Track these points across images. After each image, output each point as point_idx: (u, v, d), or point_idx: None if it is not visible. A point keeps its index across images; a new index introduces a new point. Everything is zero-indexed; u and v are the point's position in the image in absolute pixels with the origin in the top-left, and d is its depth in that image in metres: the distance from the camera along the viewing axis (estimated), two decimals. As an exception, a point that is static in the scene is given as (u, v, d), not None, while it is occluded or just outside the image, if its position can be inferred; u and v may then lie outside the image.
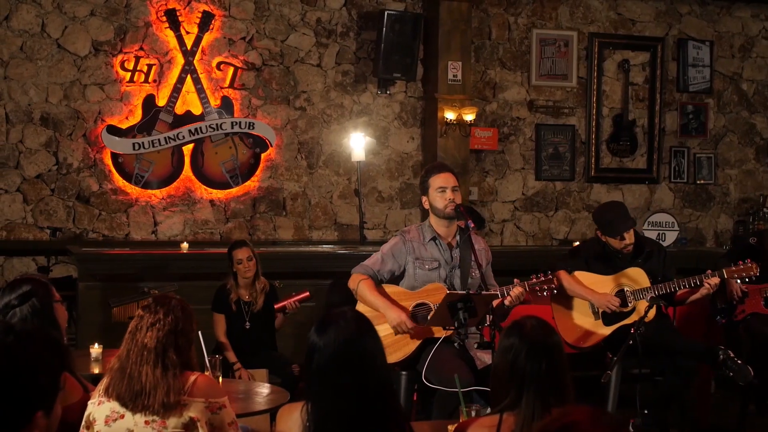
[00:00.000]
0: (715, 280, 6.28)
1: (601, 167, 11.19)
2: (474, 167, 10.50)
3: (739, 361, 6.30)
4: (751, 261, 6.39)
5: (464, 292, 5.15)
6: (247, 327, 7.40)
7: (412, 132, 10.43)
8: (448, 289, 5.65)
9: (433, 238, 5.80)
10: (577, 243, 9.71)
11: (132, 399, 3.89)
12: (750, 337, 7.19)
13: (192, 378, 3.96)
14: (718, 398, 7.99)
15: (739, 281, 6.59)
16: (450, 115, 9.92)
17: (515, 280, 5.65)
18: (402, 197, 10.42)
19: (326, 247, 9.51)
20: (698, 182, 11.56)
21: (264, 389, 5.45)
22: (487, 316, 5.16)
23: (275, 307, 7.51)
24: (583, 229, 11.07)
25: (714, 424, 7.38)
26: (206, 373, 4.66)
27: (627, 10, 11.20)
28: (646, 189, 11.32)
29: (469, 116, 9.97)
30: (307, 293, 7.56)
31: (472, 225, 5.56)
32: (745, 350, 6.68)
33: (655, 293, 6.27)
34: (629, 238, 6.53)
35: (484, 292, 5.31)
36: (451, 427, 4.00)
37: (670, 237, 10.49)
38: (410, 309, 5.65)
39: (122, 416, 3.88)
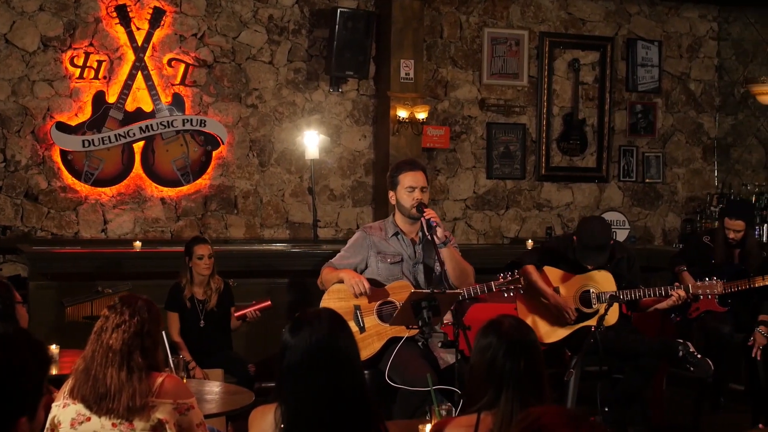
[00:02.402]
0: (682, 293, 6.36)
1: (552, 166, 11.24)
2: (426, 165, 10.42)
3: (698, 356, 6.37)
4: (717, 279, 6.50)
5: (429, 290, 5.14)
6: (202, 325, 7.34)
7: (364, 130, 10.40)
8: (413, 285, 5.65)
9: (396, 234, 5.80)
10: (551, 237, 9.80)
11: (96, 401, 3.82)
12: (704, 335, 7.28)
13: (159, 379, 3.90)
14: (670, 396, 8.06)
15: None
16: (402, 113, 9.91)
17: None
18: (354, 195, 10.39)
19: (280, 246, 9.46)
20: (647, 181, 11.66)
21: (229, 389, 5.39)
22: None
23: (235, 315, 7.45)
24: (533, 227, 11.12)
25: (669, 422, 7.44)
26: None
27: (577, 10, 11.27)
28: (595, 188, 11.40)
29: (422, 114, 9.96)
30: (269, 303, 7.49)
31: (435, 222, 5.55)
32: (699, 348, 6.73)
33: (620, 297, 6.31)
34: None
35: (448, 291, 5.30)
36: (422, 427, 3.97)
37: (621, 235, 10.58)
38: (375, 307, 5.63)
39: (88, 419, 3.81)
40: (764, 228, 10.39)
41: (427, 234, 5.61)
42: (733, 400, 7.69)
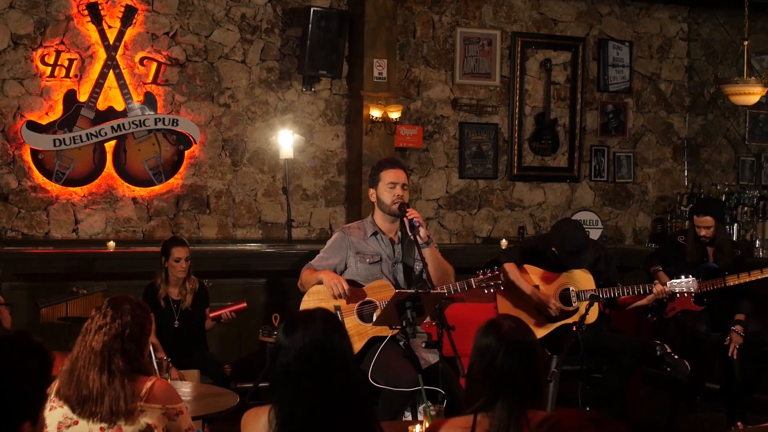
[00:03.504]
0: (666, 288, 6.40)
1: (524, 166, 11.26)
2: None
3: (675, 356, 6.41)
4: (694, 278, 6.55)
5: (413, 290, 5.13)
6: (176, 326, 7.32)
7: (336, 129, 10.36)
8: (393, 284, 5.64)
9: (375, 233, 5.78)
10: (531, 235, 9.81)
11: (80, 404, 3.79)
12: (681, 334, 7.32)
13: (148, 384, 3.87)
14: (645, 395, 8.10)
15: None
16: (375, 112, 9.88)
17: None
18: (327, 195, 10.35)
19: (254, 246, 9.41)
20: (617, 181, 11.71)
21: (212, 390, 5.35)
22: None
23: (210, 315, 7.44)
24: (506, 227, 11.14)
25: (644, 421, 7.47)
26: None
27: (549, 10, 11.29)
28: (567, 187, 11.43)
29: (395, 114, 9.94)
30: (245, 304, 7.50)
31: (418, 222, 5.54)
32: (675, 347, 6.77)
33: (600, 296, 6.34)
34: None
35: (432, 291, 5.29)
36: (412, 428, 3.95)
37: (594, 234, 10.58)
38: (355, 307, 5.62)
39: (76, 423, 3.78)
40: (734, 227, 10.45)
41: (409, 234, 5.59)
42: (708, 400, 7.73)
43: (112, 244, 8.58)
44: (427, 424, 3.89)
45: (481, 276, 5.65)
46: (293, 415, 3.20)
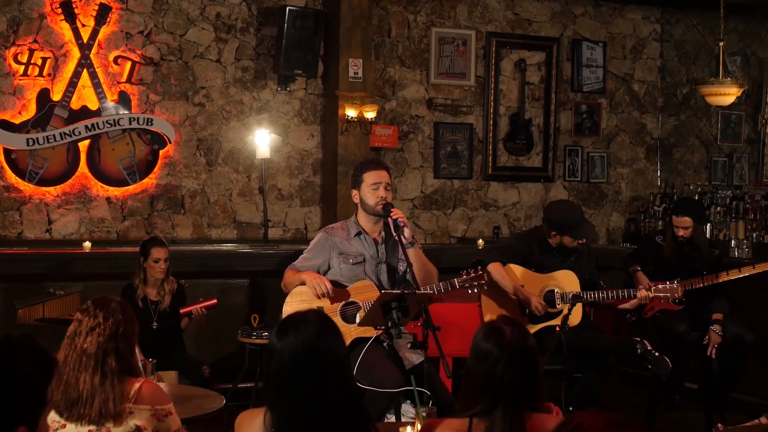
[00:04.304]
0: (648, 294, 6.43)
1: (498, 166, 11.27)
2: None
3: (656, 353, 6.44)
4: (677, 282, 6.59)
5: (399, 291, 5.10)
6: (155, 327, 7.26)
7: (312, 129, 10.32)
8: (376, 285, 5.62)
9: (358, 233, 5.76)
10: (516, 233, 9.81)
11: (68, 407, 3.74)
12: (660, 334, 7.34)
13: (137, 385, 3.83)
14: (623, 395, 8.13)
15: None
16: (351, 112, 9.85)
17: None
18: (302, 195, 10.31)
19: (230, 246, 9.36)
20: (591, 181, 11.75)
21: (198, 392, 5.31)
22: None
23: (181, 311, 7.39)
24: (480, 227, 11.14)
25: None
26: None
27: (523, 10, 11.31)
28: (541, 187, 11.45)
29: (370, 114, 9.91)
30: (215, 301, 7.48)
31: (402, 222, 5.53)
32: (654, 346, 6.78)
33: (584, 298, 6.35)
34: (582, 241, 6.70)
35: (418, 291, 5.27)
36: (403, 429, 3.94)
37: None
38: (339, 308, 5.59)
39: (63, 426, 3.73)
40: (707, 227, 10.51)
41: (393, 234, 5.57)
42: (686, 399, 7.76)
43: (88, 244, 8.50)
44: (419, 426, 3.87)
45: (465, 276, 5.63)
46: (289, 418, 3.18)
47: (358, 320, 5.54)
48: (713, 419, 7.22)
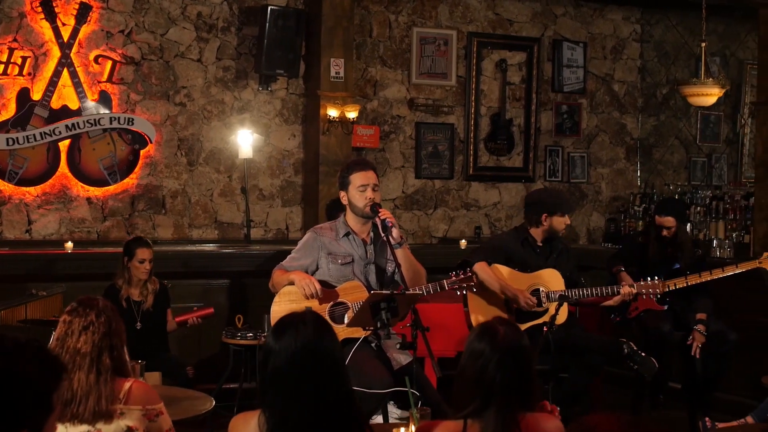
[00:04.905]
0: (631, 291, 6.44)
1: (479, 166, 11.27)
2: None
3: (643, 354, 6.45)
4: (659, 279, 6.61)
5: (388, 291, 5.08)
6: (138, 327, 7.22)
7: (293, 129, 10.29)
8: (364, 285, 5.61)
9: (347, 234, 5.74)
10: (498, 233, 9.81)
11: (61, 408, 3.70)
12: (644, 333, 7.35)
13: (127, 385, 3.81)
14: (607, 394, 8.14)
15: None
16: (333, 112, 9.82)
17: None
18: (283, 195, 10.28)
19: (213, 246, 9.32)
20: (572, 181, 11.77)
21: (187, 393, 5.28)
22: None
23: (176, 320, 7.37)
24: (461, 227, 11.14)
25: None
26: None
27: (504, 11, 11.32)
28: (522, 187, 11.46)
29: (352, 114, 9.89)
30: (212, 310, 7.47)
31: (390, 223, 5.51)
32: (639, 346, 6.80)
33: (569, 296, 6.36)
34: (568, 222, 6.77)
35: (408, 292, 5.26)
36: (396, 431, 3.92)
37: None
38: (327, 308, 5.57)
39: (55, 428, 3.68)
40: (687, 227, 10.53)
41: (382, 235, 5.55)
42: (670, 398, 7.79)
43: (70, 244, 8.44)
44: (413, 427, 3.86)
45: (454, 278, 5.62)
46: (286, 419, 3.16)
47: (346, 321, 5.52)
48: (697, 419, 7.25)
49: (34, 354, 2.27)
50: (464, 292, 5.75)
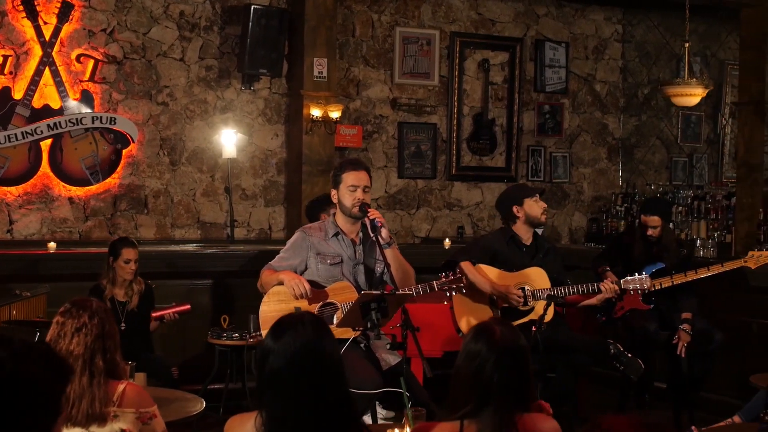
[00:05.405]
0: (615, 286, 6.45)
1: (462, 165, 11.28)
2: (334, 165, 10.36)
3: (629, 355, 6.46)
4: (647, 276, 6.63)
5: (379, 292, 5.07)
6: (123, 328, 7.14)
7: (276, 129, 10.26)
8: (354, 286, 5.59)
9: (336, 234, 5.72)
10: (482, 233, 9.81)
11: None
12: (629, 333, 7.36)
13: (120, 387, 3.77)
14: (593, 393, 8.15)
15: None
16: (316, 112, 9.79)
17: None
18: (266, 195, 10.24)
19: (197, 246, 9.27)
20: (554, 181, 11.79)
21: (176, 395, 5.24)
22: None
23: (153, 315, 7.31)
24: (444, 227, 11.14)
25: (591, 420, 7.49)
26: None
27: (487, 11, 11.33)
28: (504, 187, 11.39)
29: (335, 113, 9.86)
30: (188, 306, 7.40)
31: (380, 223, 5.49)
32: (625, 346, 6.81)
33: (554, 294, 6.36)
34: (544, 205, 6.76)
35: (398, 292, 5.24)
36: (390, 431, 3.90)
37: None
38: (316, 309, 5.55)
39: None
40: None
41: (371, 235, 5.53)
42: (656, 398, 7.80)
43: (53, 245, 8.37)
44: (408, 428, 3.84)
45: (444, 279, 5.60)
46: (284, 420, 3.13)
47: (335, 321, 5.50)
48: (682, 418, 7.27)
49: (42, 356, 2.23)
50: (455, 294, 5.72)
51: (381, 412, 6.77)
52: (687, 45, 9.05)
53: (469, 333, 3.38)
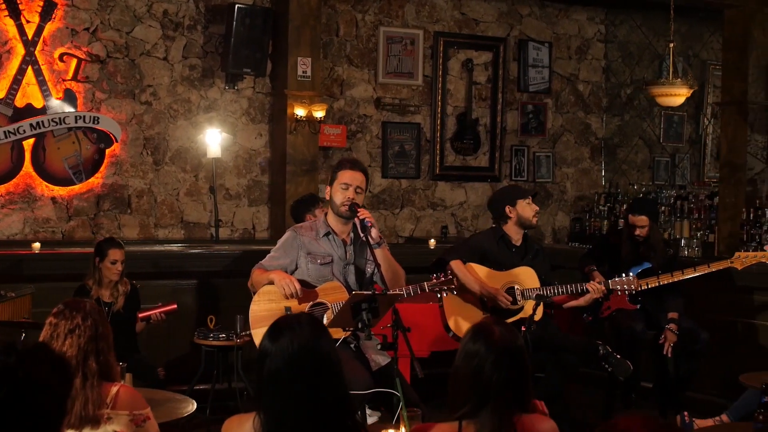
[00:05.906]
0: (602, 287, 6.46)
1: (446, 165, 11.27)
2: (322, 164, 10.36)
3: (618, 356, 6.46)
4: (633, 276, 6.64)
5: (370, 292, 5.05)
6: (108, 329, 7.11)
7: (260, 128, 10.22)
8: (344, 286, 5.57)
9: (327, 234, 5.70)
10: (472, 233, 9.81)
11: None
12: (616, 333, 7.38)
13: (114, 389, 3.75)
14: (580, 393, 8.16)
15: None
16: (300, 111, 9.77)
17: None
18: (250, 195, 10.21)
19: (181, 246, 9.22)
20: (537, 180, 11.80)
21: (167, 396, 5.21)
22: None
23: (139, 316, 7.28)
24: (428, 226, 11.13)
25: (579, 419, 7.50)
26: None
27: (471, 10, 11.33)
28: (488, 187, 11.47)
29: (319, 113, 9.84)
30: (175, 306, 7.36)
31: (370, 223, 5.48)
32: (611, 346, 6.82)
33: (543, 293, 6.37)
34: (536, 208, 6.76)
35: (389, 292, 5.23)
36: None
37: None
38: (306, 309, 5.53)
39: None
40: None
41: (361, 234, 5.52)
42: (642, 398, 7.82)
43: (37, 245, 8.31)
44: (404, 429, 3.83)
45: (435, 280, 5.59)
46: (283, 422, 3.12)
47: (325, 321, 5.47)
48: (669, 418, 7.28)
49: (47, 358, 2.22)
50: (446, 295, 5.71)
51: (367, 412, 6.75)
52: (671, 45, 9.07)
53: (467, 333, 3.37)
